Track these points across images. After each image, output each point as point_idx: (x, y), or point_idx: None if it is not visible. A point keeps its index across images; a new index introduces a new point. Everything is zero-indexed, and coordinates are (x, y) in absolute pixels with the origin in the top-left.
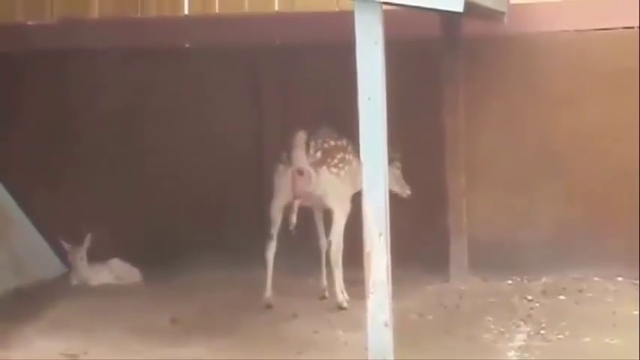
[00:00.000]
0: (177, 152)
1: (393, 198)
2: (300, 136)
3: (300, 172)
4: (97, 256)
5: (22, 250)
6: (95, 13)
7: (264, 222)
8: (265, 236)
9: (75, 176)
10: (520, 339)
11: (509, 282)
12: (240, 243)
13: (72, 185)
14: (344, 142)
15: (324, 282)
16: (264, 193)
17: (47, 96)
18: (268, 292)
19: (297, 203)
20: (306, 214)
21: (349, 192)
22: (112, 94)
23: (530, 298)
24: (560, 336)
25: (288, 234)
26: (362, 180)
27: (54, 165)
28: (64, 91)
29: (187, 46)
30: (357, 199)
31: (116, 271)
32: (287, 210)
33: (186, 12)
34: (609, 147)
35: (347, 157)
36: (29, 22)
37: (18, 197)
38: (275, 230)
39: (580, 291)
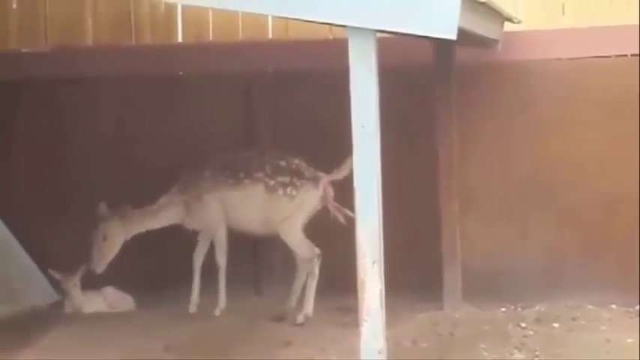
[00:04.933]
0: (171, 180)
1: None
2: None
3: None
4: (90, 283)
5: (16, 277)
6: (89, 40)
7: (258, 248)
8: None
9: (68, 203)
10: None
11: (503, 310)
12: (234, 270)
13: (65, 212)
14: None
15: (293, 303)
16: None
17: (41, 123)
18: (293, 303)
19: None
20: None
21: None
22: (105, 121)
23: (524, 325)
24: None
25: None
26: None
27: (47, 192)
28: (57, 118)
29: (181, 73)
30: (351, 227)
31: (110, 299)
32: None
33: (180, 39)
34: (602, 175)
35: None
36: (23, 50)
37: (10, 224)
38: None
39: (574, 319)
